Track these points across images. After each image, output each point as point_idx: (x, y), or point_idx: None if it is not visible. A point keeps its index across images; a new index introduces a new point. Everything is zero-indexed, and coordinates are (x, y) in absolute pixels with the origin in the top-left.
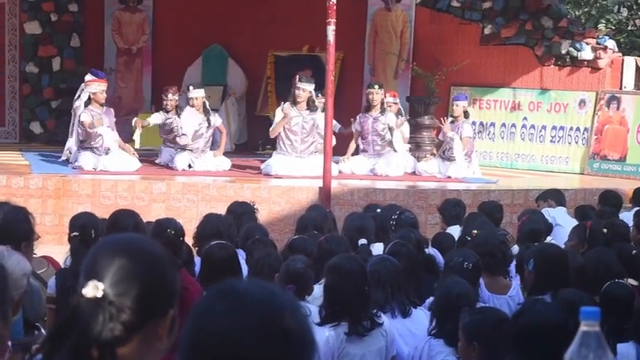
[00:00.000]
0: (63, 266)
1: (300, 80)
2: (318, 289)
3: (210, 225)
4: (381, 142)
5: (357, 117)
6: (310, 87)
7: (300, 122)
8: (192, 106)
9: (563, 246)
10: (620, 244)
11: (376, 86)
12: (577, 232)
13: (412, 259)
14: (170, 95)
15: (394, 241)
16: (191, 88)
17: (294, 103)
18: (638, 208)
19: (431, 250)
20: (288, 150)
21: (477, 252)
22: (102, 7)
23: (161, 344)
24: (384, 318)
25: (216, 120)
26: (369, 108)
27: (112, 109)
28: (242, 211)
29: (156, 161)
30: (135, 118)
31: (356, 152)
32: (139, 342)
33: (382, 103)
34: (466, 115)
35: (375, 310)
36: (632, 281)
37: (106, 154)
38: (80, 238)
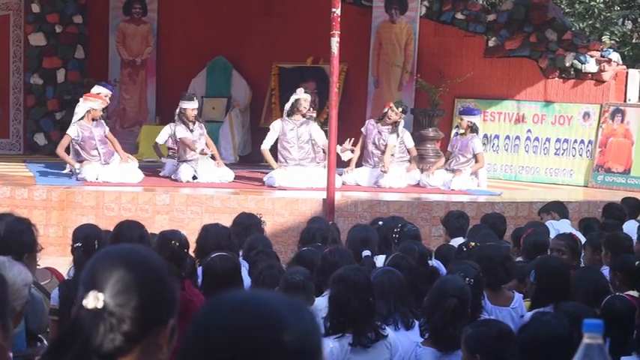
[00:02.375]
0: (66, 277)
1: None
2: (322, 301)
3: (209, 237)
4: (379, 155)
5: (367, 122)
6: (307, 96)
7: (295, 134)
8: (187, 117)
9: None
10: (624, 255)
11: (400, 108)
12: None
13: (415, 271)
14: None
15: (397, 253)
16: (185, 101)
17: (290, 114)
18: None
19: (434, 262)
20: (287, 161)
21: (480, 266)
22: (106, 19)
23: (161, 354)
24: (389, 330)
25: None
26: (381, 119)
27: (102, 122)
28: (250, 223)
29: (160, 174)
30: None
31: (358, 163)
32: (140, 352)
33: (395, 124)
34: (473, 129)
35: (379, 323)
36: (634, 293)
37: (106, 162)
38: (83, 249)
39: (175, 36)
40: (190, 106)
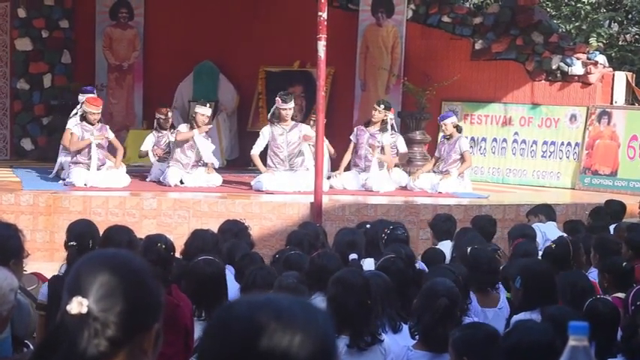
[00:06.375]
0: (58, 274)
1: (284, 101)
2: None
3: (195, 241)
4: (372, 158)
5: (355, 129)
6: (292, 104)
7: (285, 138)
8: (197, 122)
9: None
10: (612, 257)
11: (382, 105)
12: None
13: (402, 274)
14: (166, 115)
15: (388, 256)
16: (200, 106)
17: (278, 121)
18: (629, 223)
19: (421, 266)
20: (276, 166)
21: (466, 268)
22: (93, 24)
23: (146, 359)
24: (384, 335)
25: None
26: (368, 123)
27: (106, 126)
28: (238, 229)
29: (147, 179)
30: (142, 152)
31: (347, 167)
32: (125, 357)
33: (383, 122)
34: (459, 129)
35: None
36: (622, 295)
37: (97, 169)
38: (77, 248)
39: (162, 40)
40: (201, 112)
